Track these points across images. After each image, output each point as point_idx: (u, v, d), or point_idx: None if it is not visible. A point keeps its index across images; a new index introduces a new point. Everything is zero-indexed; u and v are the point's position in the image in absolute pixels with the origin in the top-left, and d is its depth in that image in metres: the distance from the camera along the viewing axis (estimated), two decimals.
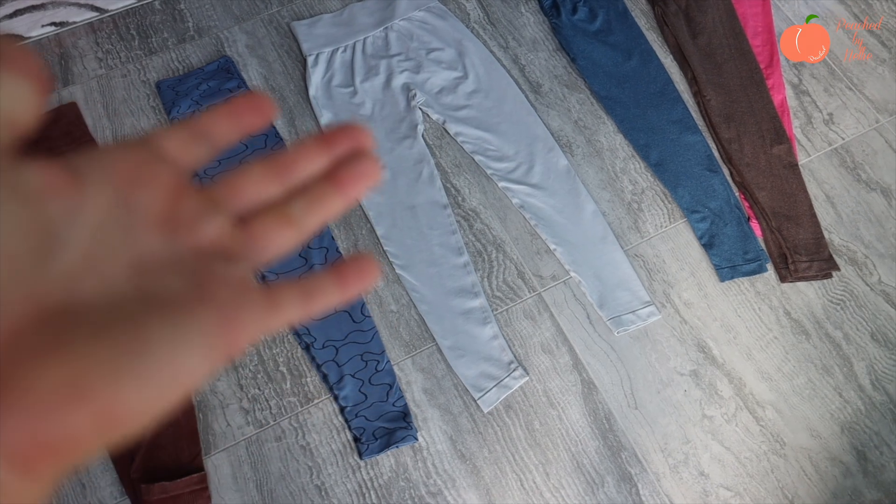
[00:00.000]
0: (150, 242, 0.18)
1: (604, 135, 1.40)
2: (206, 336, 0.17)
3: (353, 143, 0.22)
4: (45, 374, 0.14)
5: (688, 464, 1.15)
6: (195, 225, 0.20)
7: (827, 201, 1.35)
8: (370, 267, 0.22)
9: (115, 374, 0.15)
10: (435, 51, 1.44)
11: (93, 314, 0.16)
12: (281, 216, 0.21)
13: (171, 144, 0.20)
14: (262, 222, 0.21)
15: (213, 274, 0.19)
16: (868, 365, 1.22)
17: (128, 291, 0.17)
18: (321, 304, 0.21)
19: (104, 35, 1.46)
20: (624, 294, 1.25)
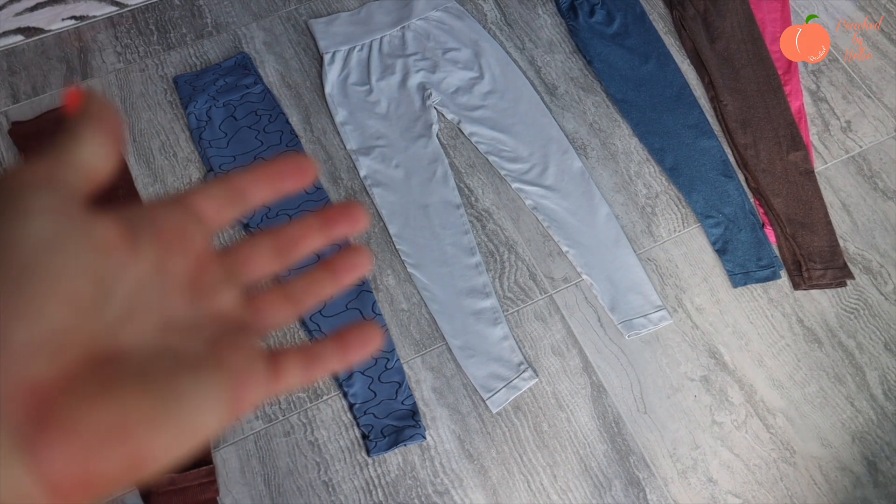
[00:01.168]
0: (178, 305, 0.20)
1: (619, 138, 1.40)
2: (220, 395, 0.19)
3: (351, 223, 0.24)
4: (93, 417, 0.16)
5: (696, 470, 1.14)
6: (214, 294, 0.22)
7: (843, 209, 1.34)
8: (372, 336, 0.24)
9: (150, 422, 0.17)
10: (451, 51, 1.44)
11: (132, 365, 0.18)
12: (284, 295, 0.24)
13: (209, 205, 0.22)
14: (268, 299, 0.23)
15: (226, 340, 0.21)
16: (881, 375, 1.21)
17: (158, 347, 0.19)
18: (322, 371, 0.23)
19: (123, 29, 1.47)
20: (636, 298, 1.24)
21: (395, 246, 1.27)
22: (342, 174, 1.34)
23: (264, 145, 1.33)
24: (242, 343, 0.21)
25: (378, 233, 1.29)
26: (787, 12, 1.53)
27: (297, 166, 0.23)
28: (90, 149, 0.19)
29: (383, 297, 1.24)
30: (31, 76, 1.41)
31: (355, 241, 0.25)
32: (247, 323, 0.22)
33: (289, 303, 0.24)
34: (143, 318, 0.19)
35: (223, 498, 1.10)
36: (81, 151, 0.19)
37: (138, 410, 0.17)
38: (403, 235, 1.28)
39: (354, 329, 0.24)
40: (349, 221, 0.24)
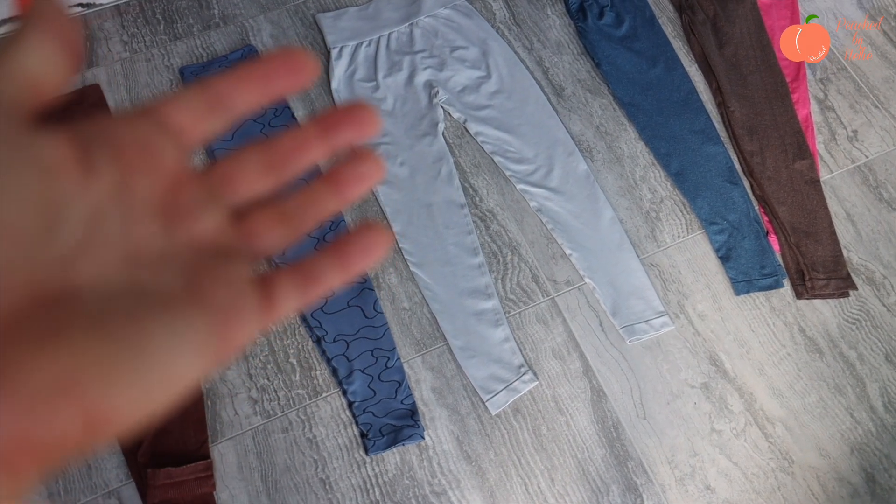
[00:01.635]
0: (147, 233, 0.17)
1: (625, 141, 1.39)
2: (199, 338, 0.16)
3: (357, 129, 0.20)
4: (38, 369, 0.13)
5: (694, 477, 1.14)
6: (192, 217, 0.18)
7: (847, 219, 1.34)
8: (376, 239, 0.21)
9: (107, 373, 0.14)
10: (459, 49, 1.43)
11: (88, 305, 0.15)
12: (277, 214, 0.20)
13: (183, 115, 0.18)
14: (258, 219, 0.20)
15: (208, 271, 0.18)
16: (881, 387, 1.20)
17: (122, 283, 0.16)
18: (322, 289, 0.20)
19: (130, 18, 1.46)
20: (638, 303, 1.24)
21: (397, 244, 1.27)
22: None
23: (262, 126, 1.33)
24: (227, 273, 0.18)
25: None
26: (797, 19, 1.52)
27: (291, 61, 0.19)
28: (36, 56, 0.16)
29: (385, 296, 1.24)
30: None
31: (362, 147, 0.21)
32: (234, 248, 0.19)
33: (284, 223, 0.20)
34: (104, 249, 0.16)
35: (219, 493, 1.09)
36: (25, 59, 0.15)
37: (93, 359, 0.14)
38: (407, 234, 1.27)
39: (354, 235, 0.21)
40: (355, 125, 0.20)
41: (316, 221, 0.21)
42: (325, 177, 0.21)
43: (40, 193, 0.15)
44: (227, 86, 0.19)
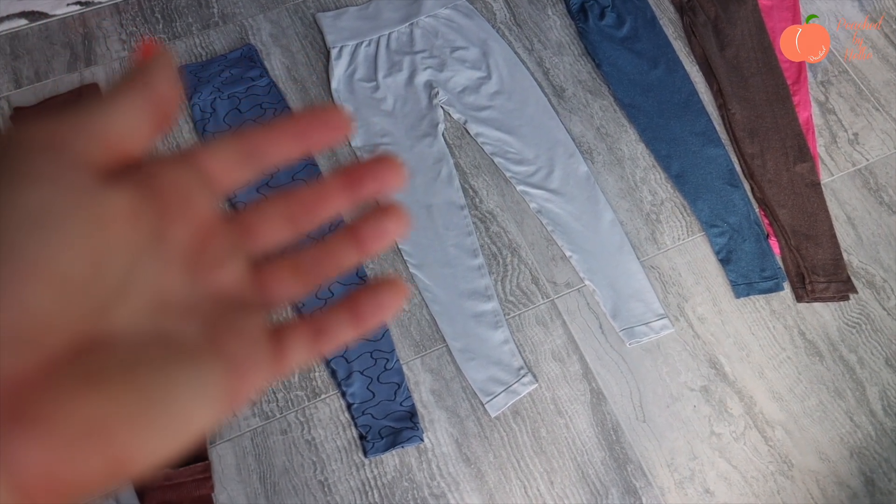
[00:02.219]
0: (176, 282, 0.18)
1: (625, 143, 1.39)
2: (215, 388, 0.17)
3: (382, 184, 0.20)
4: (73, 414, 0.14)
5: (693, 480, 1.14)
6: (216, 268, 0.19)
7: (848, 222, 1.34)
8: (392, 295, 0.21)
9: (134, 422, 0.15)
10: (459, 49, 1.42)
11: (120, 353, 0.16)
12: (293, 267, 0.21)
13: (219, 163, 0.19)
14: (276, 272, 0.21)
15: (226, 322, 0.19)
16: (881, 390, 1.20)
17: (150, 331, 0.17)
18: (334, 343, 0.21)
19: (129, 17, 1.46)
20: (638, 305, 1.24)
21: (397, 245, 1.26)
22: None
23: None
24: (244, 325, 0.19)
25: None
26: (798, 21, 1.52)
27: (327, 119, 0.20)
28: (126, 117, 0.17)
29: None
30: (34, 61, 1.39)
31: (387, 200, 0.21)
32: (251, 300, 0.20)
33: (299, 276, 0.21)
34: (137, 297, 0.17)
35: (218, 495, 1.09)
36: (112, 119, 0.16)
37: (123, 407, 0.15)
38: (406, 235, 1.27)
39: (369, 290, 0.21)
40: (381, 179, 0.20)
41: (333, 274, 0.21)
42: (347, 230, 0.21)
43: (93, 245, 0.15)
44: (263, 138, 0.19)
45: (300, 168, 1.32)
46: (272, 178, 1.29)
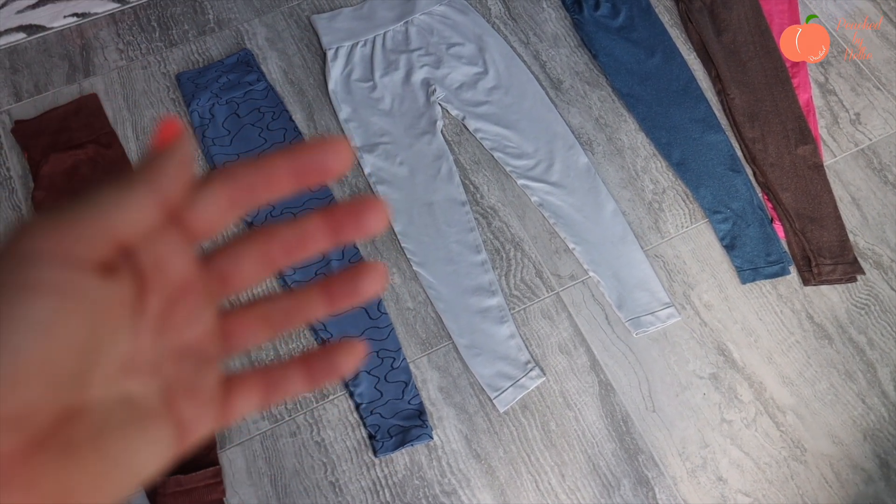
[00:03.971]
0: (144, 344, 0.19)
1: (625, 133, 1.38)
2: (165, 444, 0.19)
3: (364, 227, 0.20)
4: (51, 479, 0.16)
5: (706, 468, 1.13)
6: (185, 324, 0.20)
7: (852, 203, 1.32)
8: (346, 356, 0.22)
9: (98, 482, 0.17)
10: (455, 46, 1.42)
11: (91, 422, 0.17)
12: (261, 317, 0.21)
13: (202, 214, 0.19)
14: (245, 320, 0.21)
15: (182, 381, 0.20)
16: (892, 371, 1.19)
17: (117, 395, 0.18)
18: (284, 396, 0.22)
19: (125, 26, 1.46)
20: (643, 295, 1.23)
21: (399, 244, 1.26)
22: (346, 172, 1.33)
23: (268, 143, 1.32)
24: (199, 382, 0.20)
25: None
26: (795, 4, 1.51)
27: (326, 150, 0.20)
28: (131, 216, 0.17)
29: (389, 296, 1.23)
30: (33, 74, 1.40)
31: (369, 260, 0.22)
32: (210, 353, 0.21)
33: (267, 326, 0.22)
34: (109, 363, 0.18)
35: (230, 499, 1.09)
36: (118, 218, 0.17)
37: (90, 473, 0.17)
38: (408, 233, 1.27)
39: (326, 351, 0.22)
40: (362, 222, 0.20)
41: (299, 325, 0.22)
42: (321, 284, 0.21)
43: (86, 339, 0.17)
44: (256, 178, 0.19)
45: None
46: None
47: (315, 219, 0.20)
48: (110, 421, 0.18)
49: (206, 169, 1.31)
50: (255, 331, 0.21)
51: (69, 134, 1.31)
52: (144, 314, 0.19)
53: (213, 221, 0.19)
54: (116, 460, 0.18)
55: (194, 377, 0.20)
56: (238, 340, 0.21)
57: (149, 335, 0.19)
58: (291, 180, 0.19)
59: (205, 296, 0.20)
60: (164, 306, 0.19)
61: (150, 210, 0.18)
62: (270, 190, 0.19)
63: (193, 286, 0.20)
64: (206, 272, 0.20)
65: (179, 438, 0.20)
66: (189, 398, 0.20)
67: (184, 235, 0.19)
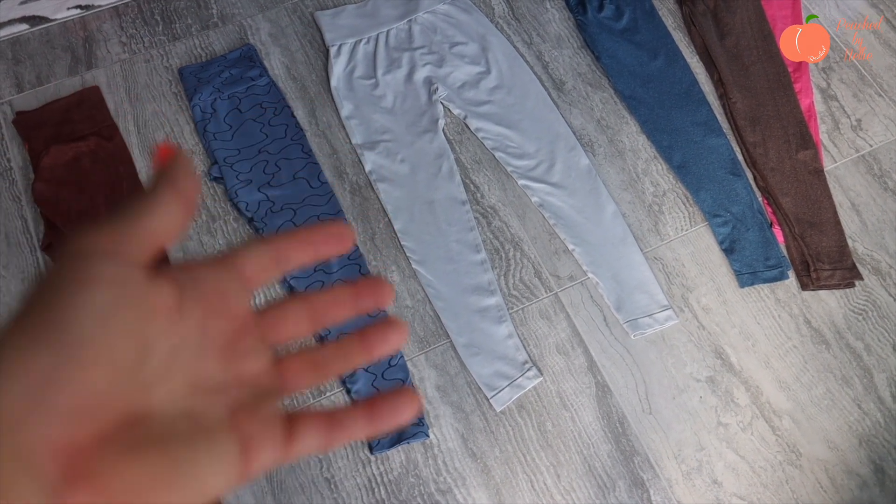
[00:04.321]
0: (210, 367, 0.21)
1: (626, 135, 1.38)
2: (230, 460, 0.20)
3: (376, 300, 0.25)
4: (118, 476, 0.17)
5: (701, 471, 1.14)
6: (246, 358, 0.23)
7: (852, 209, 1.33)
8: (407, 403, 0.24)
9: (166, 483, 0.18)
10: (458, 45, 1.42)
11: (157, 426, 0.19)
12: (311, 363, 0.24)
13: (252, 266, 0.23)
14: (294, 364, 0.24)
15: (246, 405, 0.22)
16: (889, 377, 1.20)
17: (182, 408, 0.20)
18: (346, 438, 0.24)
19: (128, 19, 1.46)
20: (642, 297, 1.23)
21: (399, 242, 1.26)
22: (347, 169, 1.33)
23: (269, 138, 1.32)
24: (262, 409, 0.22)
25: (383, 229, 1.28)
26: (798, 9, 1.51)
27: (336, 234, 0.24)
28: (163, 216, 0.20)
29: None
30: (35, 65, 1.40)
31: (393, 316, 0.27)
32: (270, 387, 0.23)
33: (315, 370, 0.25)
34: (176, 379, 0.20)
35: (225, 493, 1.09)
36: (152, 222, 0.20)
37: (156, 473, 0.18)
38: (408, 231, 1.27)
39: (388, 396, 0.24)
40: (376, 297, 0.25)
41: (342, 370, 0.25)
42: (359, 335, 0.25)
43: (142, 335, 0.19)
44: (287, 246, 0.24)
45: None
46: (273, 177, 1.29)
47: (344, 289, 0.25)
48: (175, 430, 0.19)
49: (208, 162, 1.31)
50: (305, 374, 0.24)
51: (71, 126, 1.31)
52: (209, 336, 0.21)
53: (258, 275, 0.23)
54: (183, 468, 0.19)
55: (257, 403, 0.22)
56: (291, 382, 0.24)
57: (214, 360, 0.22)
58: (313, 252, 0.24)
59: (260, 337, 0.23)
60: (227, 337, 0.22)
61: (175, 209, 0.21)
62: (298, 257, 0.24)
63: (251, 326, 0.23)
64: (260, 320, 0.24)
65: (245, 458, 0.21)
66: (253, 419, 0.22)
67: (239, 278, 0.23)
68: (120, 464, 0.17)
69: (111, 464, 0.17)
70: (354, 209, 1.30)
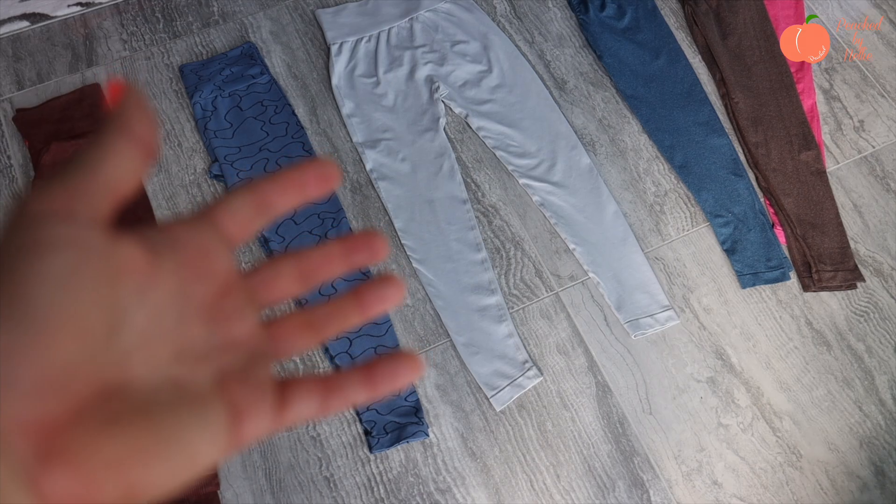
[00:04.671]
0: (193, 334, 0.20)
1: (628, 134, 1.38)
2: (219, 429, 0.19)
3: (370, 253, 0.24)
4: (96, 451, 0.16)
5: (701, 472, 1.13)
6: (232, 321, 0.21)
7: (854, 210, 1.32)
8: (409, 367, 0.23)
9: (149, 457, 0.17)
10: (460, 43, 1.42)
11: (138, 397, 0.18)
12: (304, 323, 0.23)
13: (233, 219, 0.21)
14: (288, 325, 0.23)
15: (235, 371, 0.21)
16: (890, 379, 1.19)
17: (165, 377, 0.19)
18: (344, 404, 0.22)
19: (129, 17, 1.46)
20: (643, 297, 1.23)
21: (400, 240, 1.26)
22: (348, 167, 1.33)
23: (270, 136, 1.32)
24: (252, 374, 0.21)
25: (383, 227, 1.28)
26: (801, 9, 1.50)
27: (319, 171, 0.23)
28: (118, 165, 0.19)
29: None
30: (36, 63, 1.40)
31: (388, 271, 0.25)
32: (261, 350, 0.22)
33: (310, 330, 0.23)
34: (157, 346, 0.19)
35: (224, 491, 1.09)
36: (106, 173, 0.18)
37: (138, 446, 0.17)
38: (409, 230, 1.26)
39: (387, 359, 0.23)
40: (369, 251, 0.24)
41: (338, 330, 0.24)
42: (352, 293, 0.24)
43: (111, 299, 0.17)
44: (268, 191, 0.22)
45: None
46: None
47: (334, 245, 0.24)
48: (158, 400, 0.18)
49: (209, 160, 1.31)
50: (299, 336, 0.23)
51: (71, 123, 1.31)
52: (190, 298, 0.20)
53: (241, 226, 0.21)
54: (168, 439, 0.18)
55: (247, 368, 0.21)
56: (285, 345, 0.23)
57: (197, 324, 0.20)
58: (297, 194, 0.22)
59: (247, 297, 0.22)
60: (210, 297, 0.21)
61: (131, 155, 0.19)
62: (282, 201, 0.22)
63: (237, 287, 0.22)
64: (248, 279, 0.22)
65: (236, 426, 0.20)
66: (243, 386, 0.20)
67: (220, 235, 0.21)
68: (98, 439, 0.16)
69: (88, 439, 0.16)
70: (355, 207, 1.29)
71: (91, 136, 0.19)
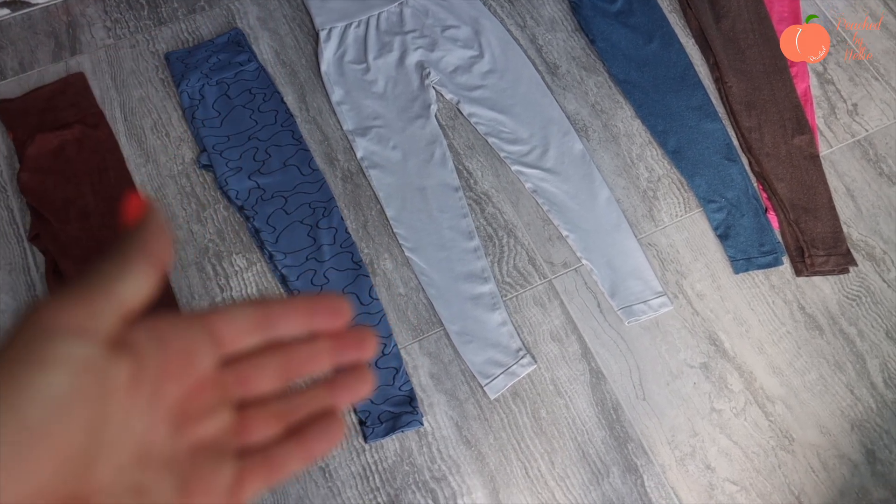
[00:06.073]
0: (160, 437, 0.20)
1: (621, 120, 1.37)
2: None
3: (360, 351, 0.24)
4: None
5: (694, 457, 1.14)
6: (201, 421, 0.21)
7: (847, 194, 1.32)
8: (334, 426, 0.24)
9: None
10: (450, 28, 1.40)
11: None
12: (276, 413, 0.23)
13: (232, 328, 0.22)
14: (258, 417, 0.23)
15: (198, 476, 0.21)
16: (881, 363, 1.20)
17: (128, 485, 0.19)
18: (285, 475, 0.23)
19: (113, 3, 1.43)
20: (636, 283, 1.23)
21: (392, 229, 1.25)
22: (338, 155, 1.31)
23: (259, 125, 1.30)
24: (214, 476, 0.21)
25: (375, 216, 1.27)
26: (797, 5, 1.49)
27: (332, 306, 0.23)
28: (133, 284, 0.19)
29: (380, 282, 1.22)
30: (18, 51, 1.37)
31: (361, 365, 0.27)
32: (227, 447, 0.22)
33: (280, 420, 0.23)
34: (122, 453, 0.19)
35: None
36: (123, 289, 0.19)
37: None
38: (401, 219, 1.26)
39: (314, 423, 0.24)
40: (359, 349, 0.24)
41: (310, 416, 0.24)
42: (326, 384, 0.24)
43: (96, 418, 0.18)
44: (277, 311, 0.23)
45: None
46: (263, 164, 1.27)
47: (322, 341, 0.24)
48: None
49: (197, 150, 1.29)
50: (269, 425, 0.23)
51: (55, 114, 1.29)
52: (161, 401, 0.20)
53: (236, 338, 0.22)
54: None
55: (210, 471, 0.21)
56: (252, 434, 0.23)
57: (164, 426, 0.20)
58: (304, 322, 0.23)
59: (223, 393, 0.22)
60: (182, 397, 0.21)
61: (147, 274, 0.20)
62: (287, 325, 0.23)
63: (213, 384, 0.22)
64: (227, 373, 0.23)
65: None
66: (204, 493, 0.21)
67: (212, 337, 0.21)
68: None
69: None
70: (346, 196, 1.28)
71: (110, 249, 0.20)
